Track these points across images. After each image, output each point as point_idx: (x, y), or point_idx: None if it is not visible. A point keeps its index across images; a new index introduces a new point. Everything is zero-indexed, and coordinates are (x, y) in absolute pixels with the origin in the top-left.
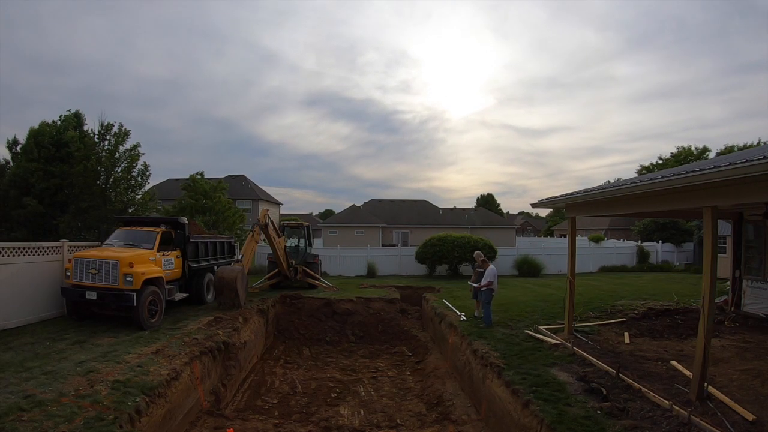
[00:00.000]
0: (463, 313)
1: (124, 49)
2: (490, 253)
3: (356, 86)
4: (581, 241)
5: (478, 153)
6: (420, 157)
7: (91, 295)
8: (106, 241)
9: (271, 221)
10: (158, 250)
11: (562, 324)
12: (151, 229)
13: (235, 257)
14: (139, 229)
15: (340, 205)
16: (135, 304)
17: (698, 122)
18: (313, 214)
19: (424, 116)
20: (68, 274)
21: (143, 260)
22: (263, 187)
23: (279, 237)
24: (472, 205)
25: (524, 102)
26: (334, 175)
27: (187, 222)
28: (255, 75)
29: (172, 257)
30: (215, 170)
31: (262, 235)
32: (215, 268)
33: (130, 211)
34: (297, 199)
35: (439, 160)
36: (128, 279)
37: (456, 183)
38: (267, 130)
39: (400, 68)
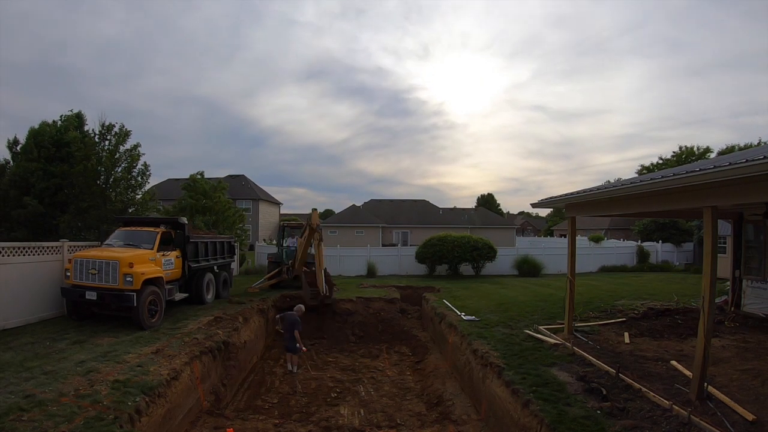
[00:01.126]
0: (463, 313)
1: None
2: (490, 253)
3: (364, 50)
4: (581, 241)
5: (500, 141)
6: (433, 148)
7: (91, 296)
8: (106, 241)
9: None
10: (158, 250)
11: (562, 324)
12: (151, 229)
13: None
14: (139, 229)
15: (341, 204)
16: (135, 304)
17: (752, 106)
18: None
19: (442, 98)
20: (68, 274)
21: (143, 260)
22: (263, 187)
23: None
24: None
25: (566, 74)
26: (337, 170)
27: (186, 222)
28: (241, 38)
29: (172, 257)
30: (205, 165)
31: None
32: (215, 268)
33: (130, 210)
34: (299, 197)
35: (454, 151)
36: (128, 279)
37: (468, 179)
38: (261, 113)
39: (418, 25)
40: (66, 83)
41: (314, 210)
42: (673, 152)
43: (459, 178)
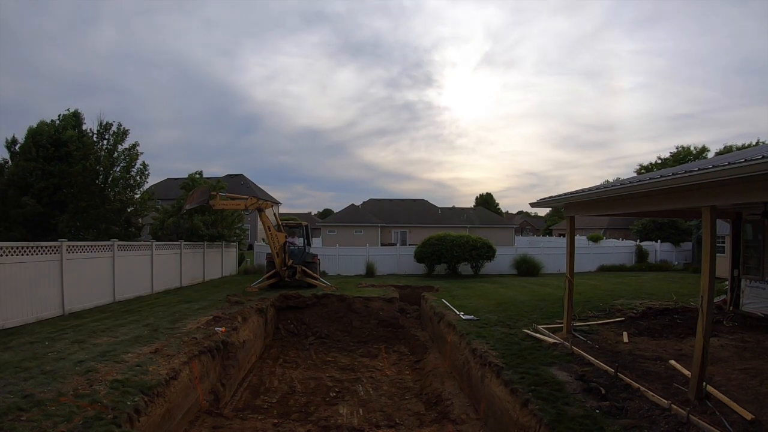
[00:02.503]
0: (462, 312)
1: None
2: (489, 253)
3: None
4: (580, 240)
5: (533, 122)
6: (453, 133)
7: None
8: None
9: (275, 214)
10: None
11: (561, 323)
12: None
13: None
14: None
15: (344, 201)
16: None
17: None
18: (312, 213)
19: (476, 55)
20: None
21: None
22: (262, 186)
23: (279, 231)
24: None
25: (643, 21)
26: (341, 162)
27: None
28: None
29: None
30: (190, 154)
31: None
32: None
33: (128, 210)
34: (299, 195)
35: (475, 137)
36: None
37: (483, 172)
38: (248, 81)
39: None
40: None
41: (269, 202)
42: (671, 152)
43: (474, 172)
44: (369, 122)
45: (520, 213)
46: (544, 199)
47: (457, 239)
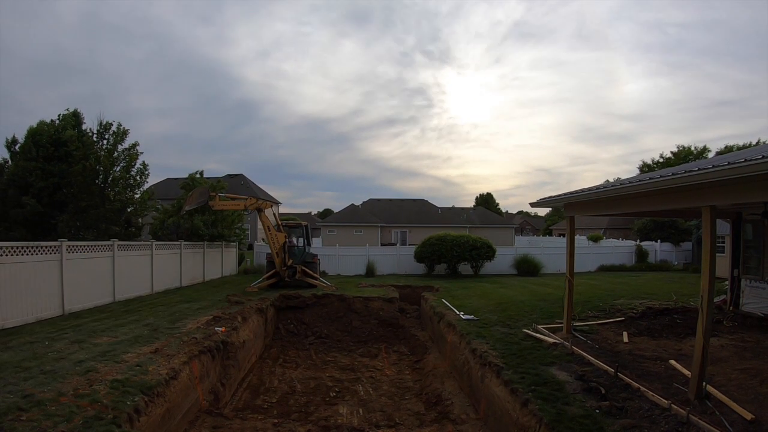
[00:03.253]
0: (462, 312)
1: None
2: (489, 252)
3: None
4: (580, 240)
5: (553, 110)
6: (468, 124)
7: None
8: None
9: (274, 214)
10: None
11: (561, 323)
12: None
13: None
14: None
15: (344, 201)
16: None
17: None
18: (312, 213)
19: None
20: None
21: None
22: (262, 186)
23: (279, 232)
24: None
25: None
26: (342, 157)
27: None
28: None
29: None
30: (181, 147)
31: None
32: None
33: (128, 210)
34: (298, 193)
35: (491, 129)
36: None
37: (493, 168)
38: (240, 58)
39: None
40: None
41: (268, 203)
42: (671, 152)
43: (483, 168)
44: (375, 111)
45: (520, 213)
46: (544, 198)
47: (457, 239)
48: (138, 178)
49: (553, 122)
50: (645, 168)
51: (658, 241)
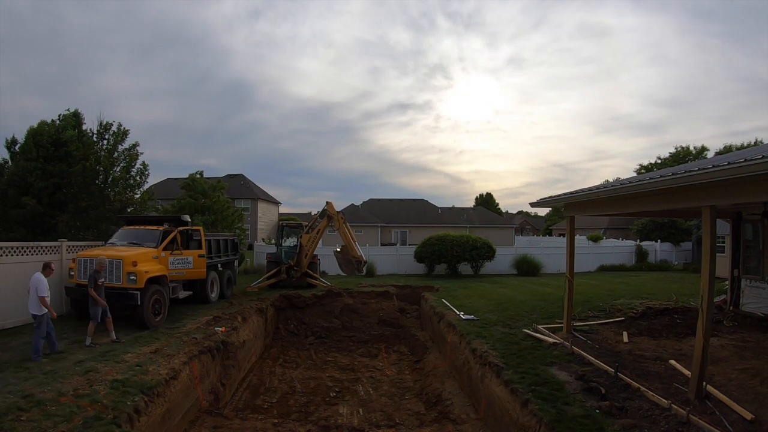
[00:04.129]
0: (462, 312)
1: None
2: (489, 252)
3: None
4: (580, 240)
5: (586, 92)
6: (489, 110)
7: None
8: (110, 240)
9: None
10: (164, 249)
11: (561, 323)
12: (154, 227)
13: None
14: (142, 228)
15: (344, 201)
16: (139, 303)
17: None
18: (313, 213)
19: None
20: (72, 273)
21: (147, 259)
22: (261, 185)
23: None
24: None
25: None
26: (346, 151)
27: (189, 220)
28: None
29: (192, 257)
30: (171, 139)
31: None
32: (219, 266)
33: (129, 210)
34: (298, 192)
35: (514, 116)
36: (132, 278)
37: (507, 163)
38: (222, 16)
39: None
40: None
41: (329, 202)
42: (670, 152)
43: (497, 163)
44: (385, 94)
45: (520, 213)
46: (544, 198)
47: (457, 239)
48: (138, 178)
49: (582, 109)
50: (642, 170)
51: (658, 241)
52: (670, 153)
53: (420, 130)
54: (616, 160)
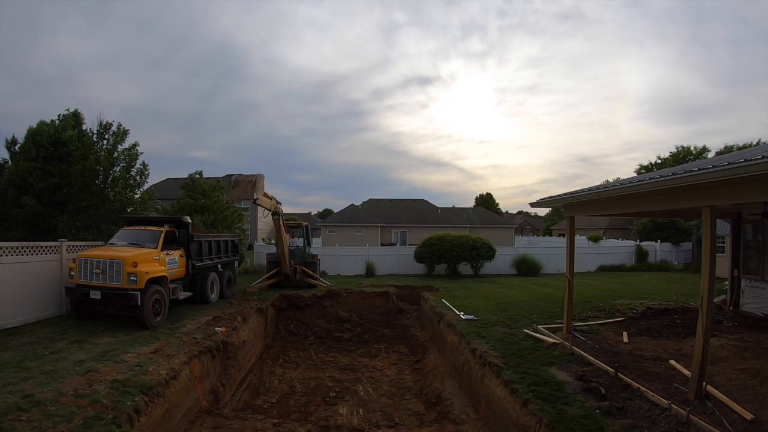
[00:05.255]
0: (462, 312)
1: None
2: (489, 253)
3: None
4: (580, 240)
5: (646, 61)
6: (518, 93)
7: (95, 295)
8: (110, 241)
9: (282, 215)
10: (162, 249)
11: (561, 323)
12: (155, 228)
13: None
14: (142, 228)
15: (345, 201)
16: (139, 303)
17: None
18: (312, 213)
19: None
20: (72, 273)
21: (147, 259)
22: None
23: (286, 233)
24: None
25: None
26: (351, 143)
27: (190, 221)
28: None
29: (176, 256)
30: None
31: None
32: (219, 266)
33: (128, 210)
34: (298, 191)
35: (552, 97)
36: (132, 278)
37: (528, 156)
38: None
39: None
40: None
41: (274, 202)
42: (671, 152)
43: (517, 155)
44: (403, 63)
45: (520, 213)
46: (544, 199)
47: (457, 239)
48: (138, 178)
49: (637, 87)
50: (643, 170)
51: (658, 241)
52: (670, 153)
53: (434, 115)
54: (647, 150)
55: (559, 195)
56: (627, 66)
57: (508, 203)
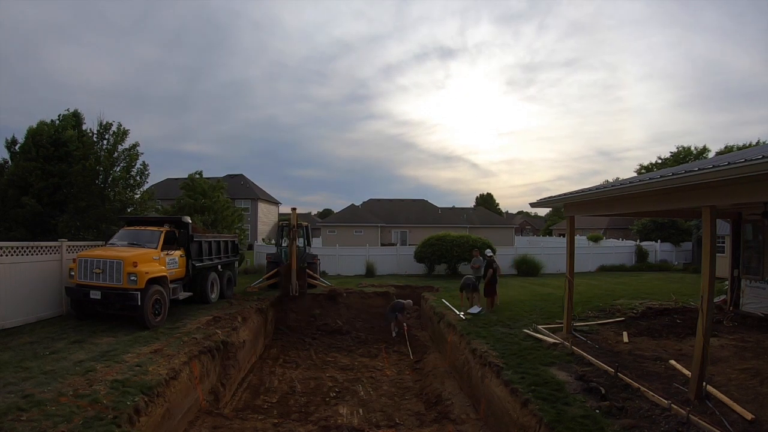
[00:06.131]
0: (462, 312)
1: None
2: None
3: None
4: (580, 240)
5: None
6: (555, 68)
7: (95, 295)
8: (110, 241)
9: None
10: (162, 250)
11: (561, 323)
12: (155, 228)
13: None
14: (142, 228)
15: (345, 201)
16: (139, 303)
17: None
18: (312, 213)
19: None
20: (72, 273)
21: (147, 259)
22: (261, 185)
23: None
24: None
25: None
26: (357, 134)
27: (190, 221)
28: None
29: (176, 256)
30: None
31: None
32: (219, 267)
33: (128, 210)
34: (298, 190)
35: (584, 75)
36: (132, 278)
37: (546, 148)
38: None
39: None
40: None
41: (293, 209)
42: (671, 152)
43: (537, 148)
44: (423, 26)
45: (520, 213)
46: (544, 199)
47: (457, 239)
48: (138, 178)
49: (682, 65)
50: (643, 170)
51: (658, 241)
52: (670, 152)
53: (453, 100)
54: (688, 139)
55: (559, 195)
56: (685, 35)
57: (513, 202)
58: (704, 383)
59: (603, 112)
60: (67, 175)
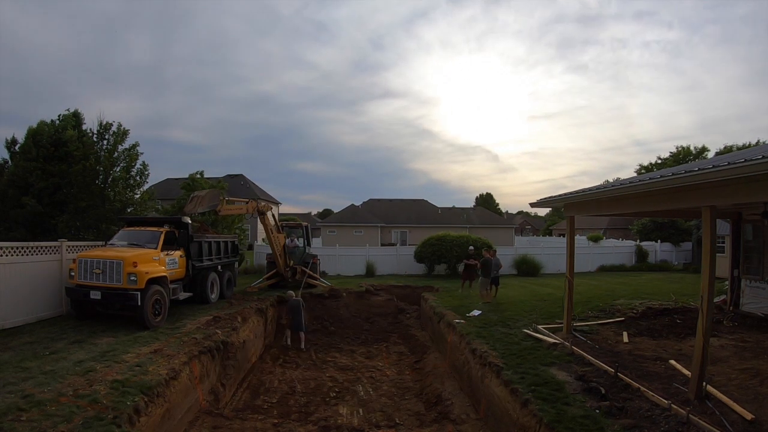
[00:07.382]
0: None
1: None
2: None
3: None
4: (580, 240)
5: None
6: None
7: (95, 295)
8: (110, 241)
9: (273, 216)
10: (162, 250)
11: (561, 323)
12: (155, 228)
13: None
14: (142, 228)
15: (345, 201)
16: (139, 304)
17: None
18: (312, 214)
19: None
20: (72, 273)
21: (147, 260)
22: (261, 185)
23: (279, 233)
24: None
25: None
26: (364, 122)
27: (190, 222)
28: None
29: (176, 257)
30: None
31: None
32: (219, 267)
33: (128, 210)
34: (298, 190)
35: (637, 54)
36: (132, 278)
37: (578, 136)
38: None
39: None
40: None
41: (267, 204)
42: (671, 152)
43: (570, 136)
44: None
45: (520, 213)
46: (544, 199)
47: (457, 239)
48: (138, 178)
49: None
50: (643, 170)
51: (658, 241)
52: (670, 153)
53: (489, 65)
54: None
55: (559, 195)
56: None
57: (515, 201)
58: (704, 383)
59: (655, 90)
60: (67, 175)
